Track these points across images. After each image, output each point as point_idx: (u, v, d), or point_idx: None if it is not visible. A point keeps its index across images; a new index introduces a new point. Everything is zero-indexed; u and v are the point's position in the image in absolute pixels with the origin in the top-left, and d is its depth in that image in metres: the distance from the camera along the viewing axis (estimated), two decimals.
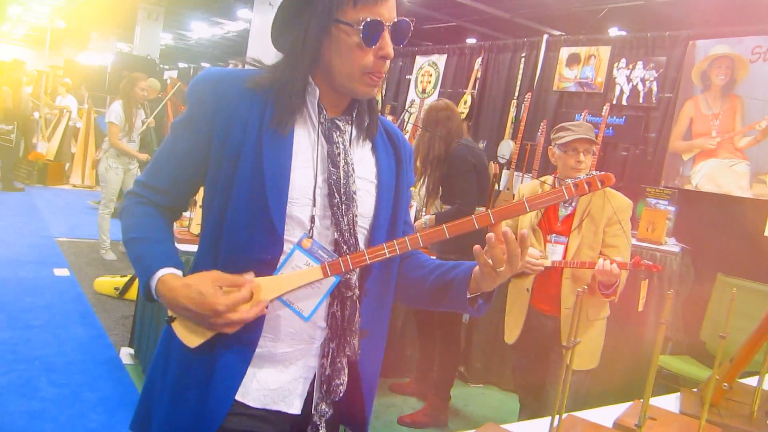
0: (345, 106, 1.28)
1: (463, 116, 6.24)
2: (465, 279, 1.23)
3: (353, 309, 1.23)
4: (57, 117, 10.39)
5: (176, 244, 3.20)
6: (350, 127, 1.27)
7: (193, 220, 3.44)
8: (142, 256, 1.20)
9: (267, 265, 1.16)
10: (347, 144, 1.24)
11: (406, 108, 7.06)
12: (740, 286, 3.80)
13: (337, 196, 1.19)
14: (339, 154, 1.21)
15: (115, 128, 5.64)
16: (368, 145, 1.31)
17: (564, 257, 2.73)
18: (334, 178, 1.20)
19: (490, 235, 1.11)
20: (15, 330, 3.90)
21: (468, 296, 1.23)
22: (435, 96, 6.83)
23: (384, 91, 7.67)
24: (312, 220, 1.19)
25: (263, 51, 1.24)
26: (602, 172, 1.12)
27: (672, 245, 4.06)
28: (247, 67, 1.28)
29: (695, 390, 2.08)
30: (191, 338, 1.15)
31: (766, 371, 1.84)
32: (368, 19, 1.12)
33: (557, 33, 10.48)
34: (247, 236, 1.16)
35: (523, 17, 10.63)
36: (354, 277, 1.23)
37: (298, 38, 1.18)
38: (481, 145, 5.93)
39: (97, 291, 4.84)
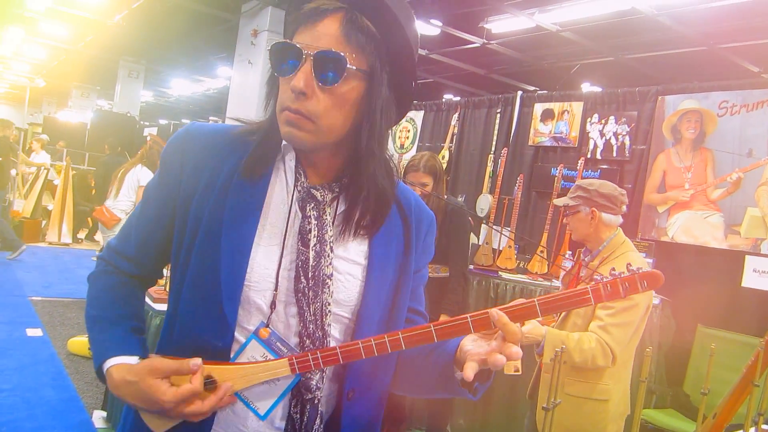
0: (333, 172, 1.10)
1: None
2: (449, 356, 1.03)
3: (313, 415, 1.06)
4: (35, 174, 10.33)
5: (152, 304, 3.14)
6: (333, 197, 1.08)
7: (169, 278, 3.39)
8: (96, 341, 1.10)
9: (219, 353, 1.03)
10: (326, 218, 1.06)
11: None
12: (720, 338, 3.81)
13: (303, 280, 1.03)
14: (310, 230, 1.05)
15: None
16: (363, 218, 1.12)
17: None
18: (302, 258, 1.04)
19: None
20: None
21: (458, 377, 1.01)
22: (413, 151, 6.91)
23: None
24: (272, 306, 1.04)
25: (243, 108, 1.20)
26: (647, 270, 0.88)
27: (652, 297, 4.07)
28: (228, 122, 1.20)
29: None
30: (155, 423, 1.05)
31: (750, 425, 1.83)
32: (280, 41, 1.01)
33: (531, 88, 10.75)
34: (197, 319, 1.04)
35: (498, 73, 10.91)
36: (315, 378, 1.05)
37: (269, 80, 1.09)
38: (460, 199, 5.98)
39: (70, 351, 4.71)
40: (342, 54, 0.97)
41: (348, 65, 0.98)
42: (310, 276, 1.04)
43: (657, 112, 4.62)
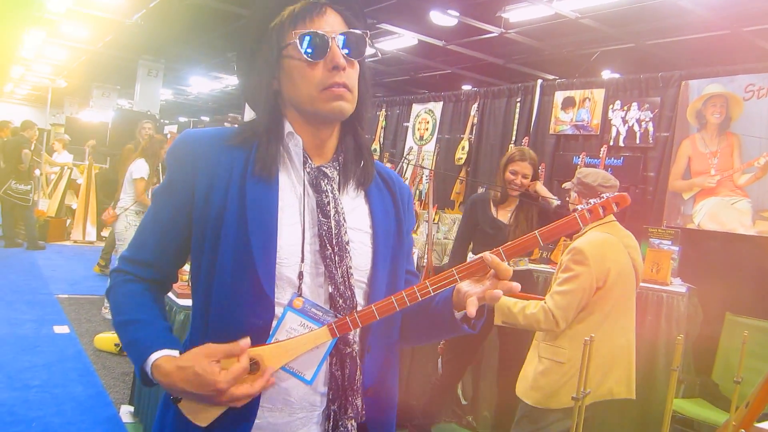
0: (331, 153, 1.24)
1: (462, 162, 6.28)
2: (447, 302, 1.17)
3: (353, 367, 1.15)
4: (58, 174, 10.46)
5: (176, 299, 3.16)
6: (338, 174, 1.22)
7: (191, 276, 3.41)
8: (133, 342, 1.13)
9: (259, 331, 1.09)
10: (336, 193, 1.19)
11: (405, 155, 7.10)
12: (749, 326, 3.74)
13: (329, 247, 1.13)
14: (328, 203, 1.16)
15: (143, 184, 5.62)
16: (361, 193, 1.25)
17: None
18: (325, 228, 1.14)
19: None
20: (13, 391, 3.82)
21: (458, 316, 1.16)
22: (433, 143, 6.88)
23: (382, 139, 7.74)
24: (300, 276, 1.12)
25: None
26: (615, 194, 1.06)
27: (678, 285, 4.02)
28: (227, 125, 1.26)
29: None
30: (199, 417, 1.07)
31: None
32: (306, 31, 1.12)
33: (551, 77, 10.64)
34: (236, 303, 1.10)
35: (517, 63, 10.80)
36: (352, 332, 1.15)
37: (259, 85, 1.18)
38: (481, 190, 5.94)
39: (97, 348, 4.76)
40: (363, 31, 1.16)
41: (368, 39, 1.17)
42: (334, 243, 1.14)
43: (681, 97, 4.54)
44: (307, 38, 1.11)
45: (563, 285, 2.62)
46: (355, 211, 1.22)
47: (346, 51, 1.13)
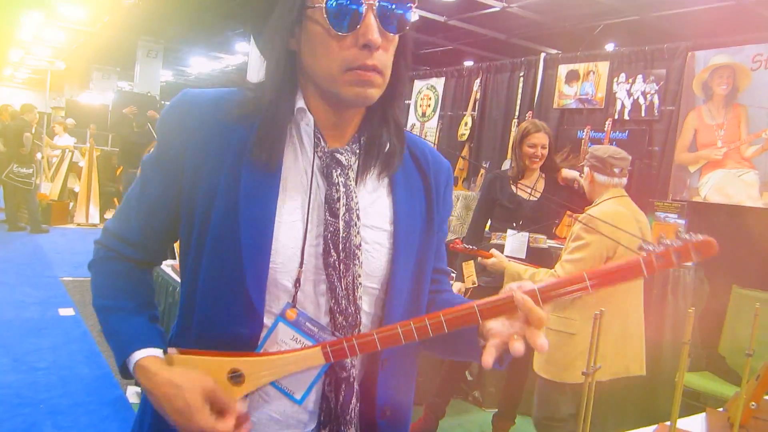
0: (351, 132, 1.03)
1: (465, 138, 6.22)
2: (473, 332, 0.98)
3: (349, 393, 0.99)
4: (60, 157, 10.43)
5: (176, 276, 3.14)
6: (356, 160, 1.02)
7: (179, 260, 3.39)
8: (115, 333, 1.02)
9: (246, 341, 0.95)
10: (351, 184, 0.99)
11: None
12: (757, 298, 3.72)
13: (333, 253, 0.96)
14: (339, 198, 0.97)
15: None
16: (383, 181, 1.05)
17: None
18: (331, 230, 0.96)
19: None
20: (19, 373, 3.83)
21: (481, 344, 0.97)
22: (435, 119, 6.82)
23: None
24: (297, 284, 0.96)
25: None
26: (701, 237, 0.83)
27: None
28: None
29: (721, 410, 2.01)
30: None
31: None
32: None
33: (554, 51, 10.53)
34: (220, 308, 0.95)
35: (519, 37, 10.68)
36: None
37: (272, 42, 0.96)
38: (485, 165, 5.90)
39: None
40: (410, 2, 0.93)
41: (414, 8, 0.94)
42: (341, 248, 0.96)
43: (687, 69, 4.47)
44: (336, 3, 0.89)
45: (574, 253, 2.63)
46: (374, 205, 1.03)
47: (384, 24, 0.91)
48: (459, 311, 0.89)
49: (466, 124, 6.27)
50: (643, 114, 4.74)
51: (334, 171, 0.98)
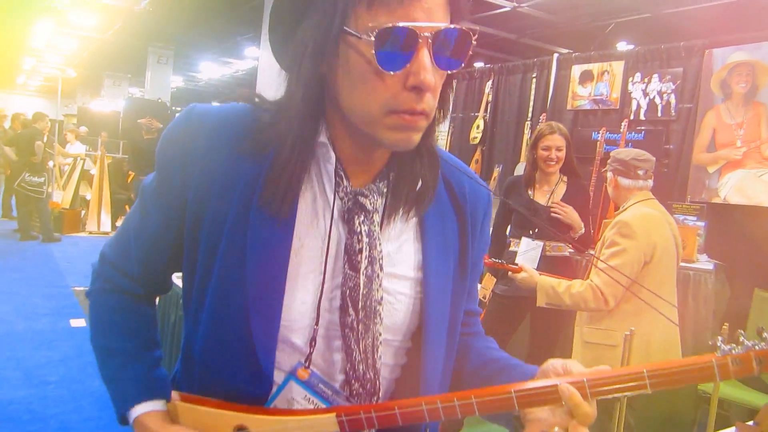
0: (378, 167, 0.89)
1: (477, 141, 6.14)
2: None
3: None
4: (71, 165, 10.45)
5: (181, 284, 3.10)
6: (383, 201, 0.89)
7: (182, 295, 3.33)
8: (114, 380, 0.95)
9: (253, 398, 0.86)
10: (376, 230, 0.87)
11: None
12: None
13: (352, 312, 0.84)
14: (361, 249, 0.85)
15: None
16: (412, 221, 0.91)
17: None
18: (351, 285, 0.84)
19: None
20: (30, 388, 3.79)
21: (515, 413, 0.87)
22: (446, 122, 6.74)
23: None
24: (312, 344, 0.85)
25: (273, 88, 0.95)
26: None
27: (705, 262, 3.89)
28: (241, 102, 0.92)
29: (751, 423, 1.93)
30: None
31: None
32: (389, 26, 0.71)
33: (565, 51, 10.42)
34: (223, 366, 0.86)
35: (530, 37, 10.59)
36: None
37: (299, 62, 0.80)
38: (497, 169, 5.82)
39: None
40: (467, 30, 0.76)
41: (473, 42, 0.77)
42: (360, 307, 0.85)
43: (704, 67, 4.37)
44: (384, 34, 0.72)
45: (611, 260, 2.53)
46: (400, 251, 0.91)
47: (438, 61, 0.75)
48: (493, 394, 0.79)
49: (478, 126, 6.18)
50: (659, 114, 4.64)
51: (356, 217, 0.86)
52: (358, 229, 0.86)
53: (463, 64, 0.78)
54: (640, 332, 2.51)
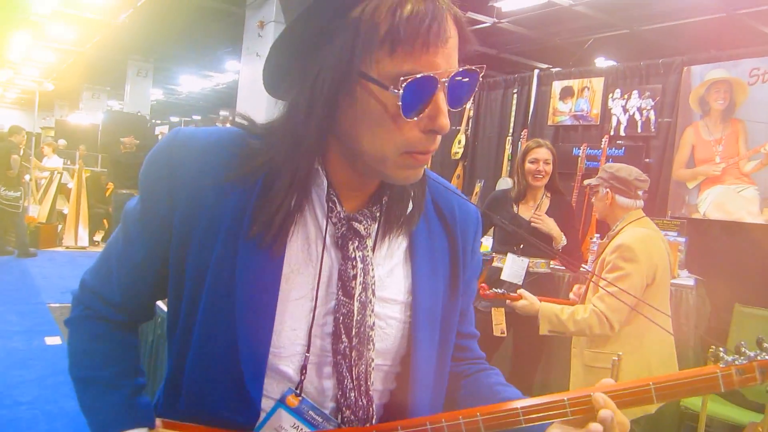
0: (370, 193, 0.88)
1: (458, 156, 6.15)
2: None
3: None
4: (48, 179, 10.30)
5: (160, 304, 3.05)
6: (376, 225, 0.88)
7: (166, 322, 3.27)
8: (93, 409, 0.90)
9: (241, 426, 0.84)
10: (369, 255, 0.85)
11: None
12: (759, 316, 3.65)
13: (345, 339, 0.83)
14: (355, 275, 0.83)
15: None
16: (402, 245, 0.91)
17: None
18: (344, 311, 0.83)
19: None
20: (2, 408, 3.68)
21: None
22: None
23: None
24: (303, 371, 0.83)
25: (252, 101, 0.90)
26: None
27: (685, 278, 3.91)
28: (229, 125, 0.89)
29: None
30: None
31: None
32: (416, 77, 0.71)
33: (544, 66, 10.52)
34: (210, 394, 0.83)
35: (510, 52, 10.68)
36: None
37: (300, 98, 0.78)
38: (479, 184, 5.82)
39: None
40: (476, 70, 0.77)
41: (479, 78, 0.78)
42: (353, 334, 0.83)
43: (683, 84, 4.41)
44: (412, 85, 0.71)
45: (615, 285, 2.50)
46: (391, 275, 0.89)
47: (451, 101, 0.76)
48: (499, 411, 0.78)
49: (459, 142, 6.19)
50: (639, 130, 4.67)
51: (350, 243, 0.85)
52: (353, 255, 0.84)
53: (469, 101, 0.77)
54: (642, 352, 2.54)
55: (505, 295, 2.72)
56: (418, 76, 0.71)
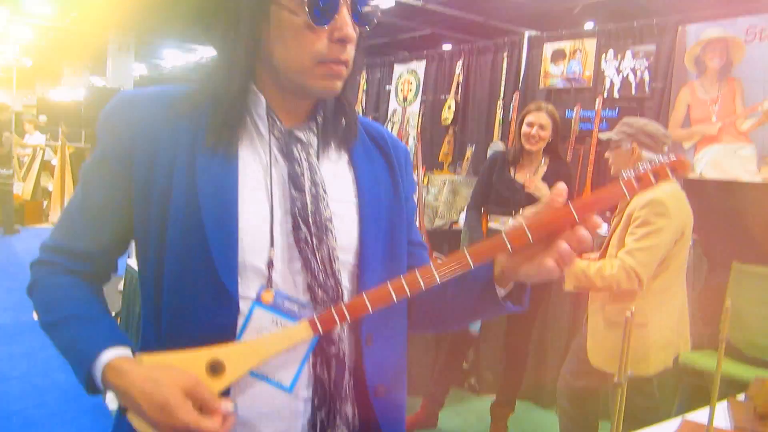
0: (306, 112, 1.00)
1: (448, 121, 6.08)
2: (488, 276, 0.94)
3: (341, 369, 0.95)
4: (31, 156, 10.13)
5: (130, 260, 2.97)
6: (315, 138, 0.99)
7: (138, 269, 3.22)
8: (74, 340, 0.91)
9: (224, 332, 0.88)
10: (314, 159, 0.97)
11: (389, 118, 6.89)
12: (758, 274, 3.64)
13: (304, 228, 0.92)
14: (302, 173, 0.94)
15: None
16: (344, 157, 1.03)
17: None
18: (299, 204, 0.93)
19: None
20: None
21: (501, 294, 0.94)
22: (417, 104, 6.66)
23: (364, 102, 7.50)
24: (270, 264, 0.91)
25: None
26: (673, 157, 0.84)
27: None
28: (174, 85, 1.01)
29: (741, 397, 1.91)
30: None
31: None
32: None
33: (534, 33, 10.42)
34: (191, 301, 0.89)
35: (498, 19, 10.54)
36: (338, 328, 0.94)
37: (227, 30, 0.91)
38: (470, 148, 5.76)
39: None
40: None
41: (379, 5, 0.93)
42: (311, 222, 0.93)
43: (678, 43, 4.35)
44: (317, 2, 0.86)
45: (644, 240, 2.44)
46: (337, 179, 1.00)
47: (356, 18, 0.90)
48: (450, 260, 0.86)
49: (449, 107, 6.12)
50: (633, 91, 4.61)
51: (294, 147, 0.96)
52: (297, 156, 0.95)
53: (375, 22, 0.93)
54: (665, 308, 2.52)
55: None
56: None
